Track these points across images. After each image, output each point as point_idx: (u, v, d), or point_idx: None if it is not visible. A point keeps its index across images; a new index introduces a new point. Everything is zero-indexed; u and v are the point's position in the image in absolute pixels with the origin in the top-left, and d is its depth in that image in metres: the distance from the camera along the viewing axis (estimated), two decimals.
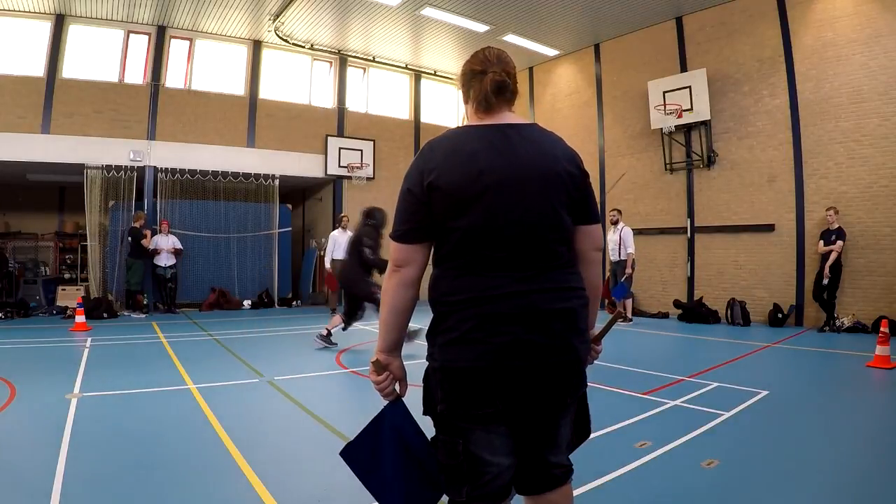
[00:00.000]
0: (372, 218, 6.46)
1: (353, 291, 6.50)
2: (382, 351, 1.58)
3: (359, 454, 1.61)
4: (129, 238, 10.23)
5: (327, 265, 10.37)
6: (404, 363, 1.62)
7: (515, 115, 1.57)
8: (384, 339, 1.57)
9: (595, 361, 1.71)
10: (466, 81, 1.60)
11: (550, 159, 1.49)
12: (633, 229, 9.65)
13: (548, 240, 1.47)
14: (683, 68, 10.46)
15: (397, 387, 1.62)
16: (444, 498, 1.57)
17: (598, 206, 1.72)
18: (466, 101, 1.62)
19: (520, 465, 1.56)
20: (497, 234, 1.42)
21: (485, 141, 1.47)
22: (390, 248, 1.54)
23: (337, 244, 10.36)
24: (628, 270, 9.16)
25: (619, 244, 9.30)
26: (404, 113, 14.24)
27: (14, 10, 9.88)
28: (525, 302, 1.41)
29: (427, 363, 1.56)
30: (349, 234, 10.53)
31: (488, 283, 1.42)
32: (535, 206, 1.44)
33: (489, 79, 1.52)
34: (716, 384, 4.87)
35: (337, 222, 11.11)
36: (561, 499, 1.60)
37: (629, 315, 9.77)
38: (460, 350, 1.43)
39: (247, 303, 11.67)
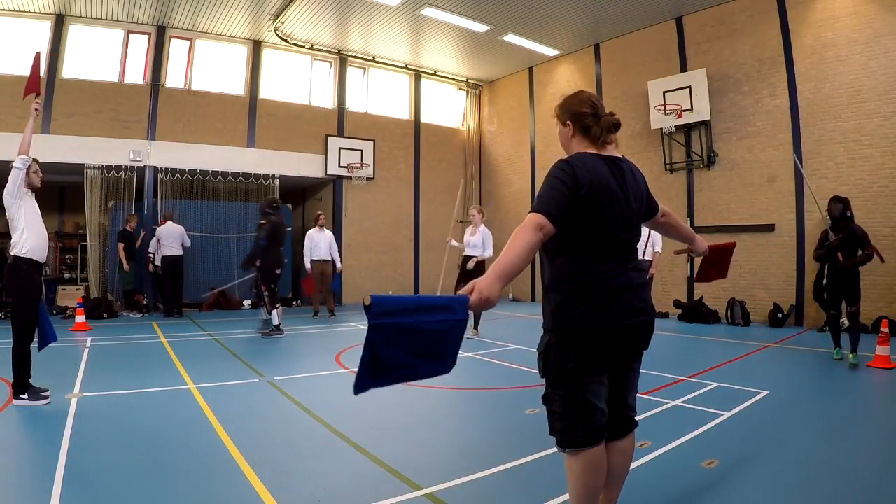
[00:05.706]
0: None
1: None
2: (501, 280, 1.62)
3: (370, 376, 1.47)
4: (119, 241, 10.03)
5: (307, 266, 9.90)
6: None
7: (617, 149, 2.07)
8: (509, 277, 1.65)
9: None
10: (576, 119, 2.03)
11: (638, 184, 2.06)
12: None
13: (634, 240, 2.04)
14: (683, 68, 10.45)
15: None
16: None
17: None
18: (565, 125, 2.07)
19: (609, 411, 1.99)
20: (611, 235, 1.92)
21: (607, 168, 1.95)
22: (534, 217, 1.77)
23: (314, 243, 9.88)
24: (653, 270, 9.00)
25: (647, 243, 9.13)
26: (404, 113, 14.23)
27: (14, 10, 9.88)
28: (626, 278, 1.95)
29: (549, 335, 1.94)
30: (327, 232, 10.20)
31: (605, 268, 1.92)
32: (632, 217, 2.00)
33: (606, 120, 2.01)
34: (716, 384, 4.87)
35: (330, 221, 10.79)
36: (629, 446, 2.12)
37: None
38: (593, 317, 1.87)
39: (247, 303, 11.66)
